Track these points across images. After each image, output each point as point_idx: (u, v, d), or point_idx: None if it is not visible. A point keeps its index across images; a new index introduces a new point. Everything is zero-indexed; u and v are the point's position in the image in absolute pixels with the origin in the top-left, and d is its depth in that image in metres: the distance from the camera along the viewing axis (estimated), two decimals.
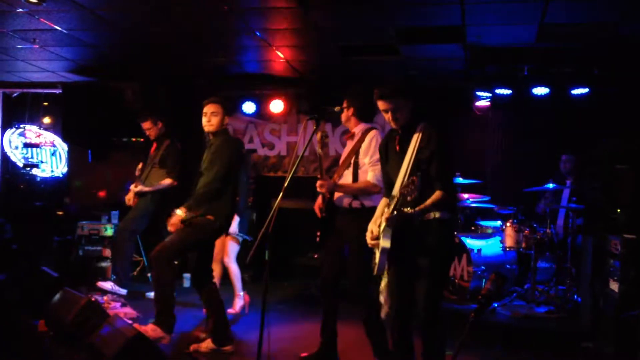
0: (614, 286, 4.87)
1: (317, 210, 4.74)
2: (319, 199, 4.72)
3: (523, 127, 8.49)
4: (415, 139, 3.62)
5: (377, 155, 4.27)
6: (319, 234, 4.70)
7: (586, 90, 7.35)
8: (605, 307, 5.05)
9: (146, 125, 7.18)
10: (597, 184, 6.31)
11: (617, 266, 4.87)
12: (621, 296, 4.74)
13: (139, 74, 8.68)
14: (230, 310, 6.10)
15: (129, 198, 7.07)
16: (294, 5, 5.61)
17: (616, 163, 5.49)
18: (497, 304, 6.39)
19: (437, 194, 3.51)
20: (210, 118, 5.07)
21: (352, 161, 4.56)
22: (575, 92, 7.41)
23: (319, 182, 4.50)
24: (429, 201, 3.50)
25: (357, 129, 4.67)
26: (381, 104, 3.72)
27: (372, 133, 4.54)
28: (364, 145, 4.51)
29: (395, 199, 3.54)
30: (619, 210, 5.31)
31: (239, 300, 6.36)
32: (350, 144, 4.71)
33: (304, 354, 4.85)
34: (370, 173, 4.45)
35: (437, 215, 3.58)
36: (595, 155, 5.89)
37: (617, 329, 4.75)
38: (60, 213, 9.26)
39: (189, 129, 8.87)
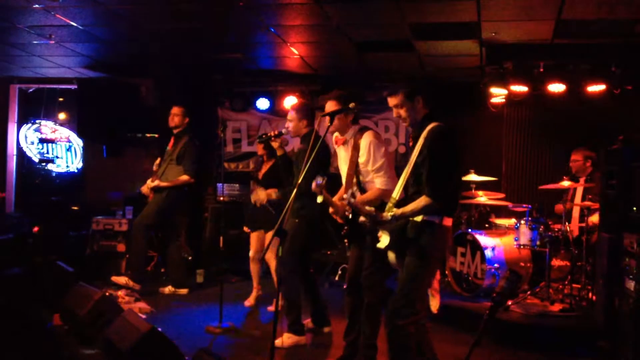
0: (630, 285, 4.81)
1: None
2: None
3: (538, 124, 8.45)
4: (420, 142, 3.61)
5: (381, 160, 4.26)
6: (346, 228, 4.43)
7: (603, 87, 7.28)
8: (621, 306, 5.00)
9: (175, 110, 7.20)
10: (613, 181, 6.24)
11: (633, 264, 4.82)
12: (637, 295, 4.69)
13: (154, 70, 8.70)
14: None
15: (145, 190, 7.13)
16: (308, 1, 5.60)
17: (633, 161, 5.42)
18: (511, 302, 6.34)
19: (420, 200, 3.51)
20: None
21: (354, 173, 4.36)
22: (592, 89, 7.34)
23: (331, 210, 4.39)
24: (408, 207, 3.54)
25: (348, 134, 4.45)
26: (390, 100, 3.76)
27: (368, 137, 4.34)
28: (361, 153, 4.32)
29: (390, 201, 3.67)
30: (635, 208, 5.25)
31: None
32: (344, 151, 4.50)
33: None
34: (377, 180, 4.28)
35: (423, 218, 3.56)
36: (611, 153, 5.83)
37: (633, 328, 4.70)
38: (76, 208, 9.32)
39: (204, 125, 8.90)
